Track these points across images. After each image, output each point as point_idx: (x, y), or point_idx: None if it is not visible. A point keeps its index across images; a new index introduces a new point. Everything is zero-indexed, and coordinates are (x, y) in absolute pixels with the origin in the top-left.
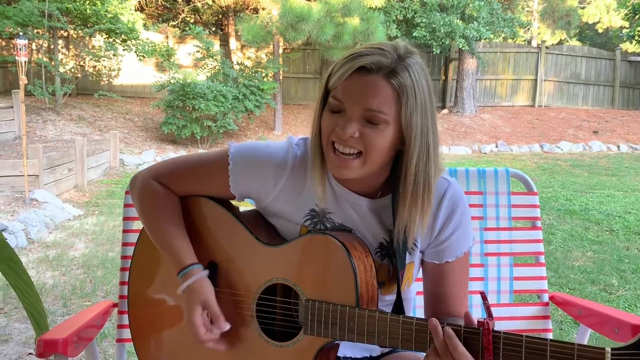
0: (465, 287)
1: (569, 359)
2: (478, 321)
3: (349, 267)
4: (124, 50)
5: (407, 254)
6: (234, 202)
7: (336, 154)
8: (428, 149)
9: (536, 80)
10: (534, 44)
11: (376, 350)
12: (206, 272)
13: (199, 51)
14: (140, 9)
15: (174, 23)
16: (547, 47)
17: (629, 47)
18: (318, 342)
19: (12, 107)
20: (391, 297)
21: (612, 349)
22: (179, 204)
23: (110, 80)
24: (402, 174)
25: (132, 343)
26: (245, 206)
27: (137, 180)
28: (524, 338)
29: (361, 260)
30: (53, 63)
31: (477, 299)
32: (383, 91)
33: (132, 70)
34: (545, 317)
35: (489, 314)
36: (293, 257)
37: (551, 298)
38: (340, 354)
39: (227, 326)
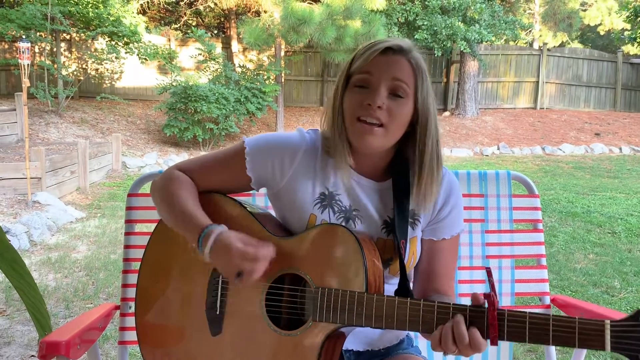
0: (453, 268)
1: (570, 332)
2: (484, 294)
3: (359, 255)
4: (126, 53)
5: (411, 228)
6: (245, 204)
7: (361, 122)
8: (437, 131)
9: (538, 82)
10: (536, 46)
11: (377, 345)
12: (223, 225)
13: (201, 54)
14: (143, 12)
15: (176, 26)
16: (548, 50)
17: (630, 49)
18: (325, 329)
19: (14, 109)
20: (398, 278)
21: (612, 321)
22: (197, 190)
23: (113, 82)
24: (418, 152)
25: (134, 345)
26: (255, 207)
27: (160, 175)
28: (527, 314)
29: (370, 252)
30: (55, 66)
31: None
32: (405, 67)
33: (134, 73)
34: None
35: (494, 292)
36: (303, 247)
37: (553, 300)
38: (344, 348)
39: (271, 245)
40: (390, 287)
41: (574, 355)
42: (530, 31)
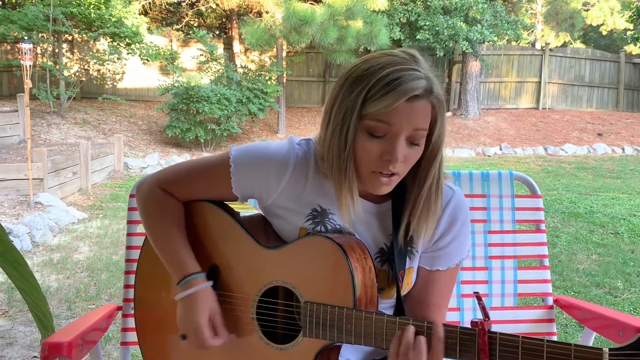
0: (447, 298)
1: (566, 359)
2: (472, 322)
3: (346, 270)
4: (128, 53)
5: (408, 258)
6: (235, 206)
7: (377, 174)
8: (442, 160)
9: (540, 82)
10: (538, 46)
11: (379, 355)
12: (210, 283)
13: (202, 55)
14: (144, 12)
15: (177, 27)
16: (550, 50)
17: (633, 49)
18: (317, 345)
19: (17, 110)
20: (389, 302)
21: (610, 349)
22: (183, 212)
23: (115, 83)
24: (419, 182)
25: (136, 346)
26: (246, 209)
27: (143, 187)
28: (519, 339)
29: (360, 262)
30: (58, 67)
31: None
32: (428, 112)
33: (136, 73)
34: (550, 321)
35: (485, 315)
36: (292, 259)
37: (555, 301)
38: (342, 358)
39: (226, 339)
40: (384, 309)
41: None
42: (532, 31)
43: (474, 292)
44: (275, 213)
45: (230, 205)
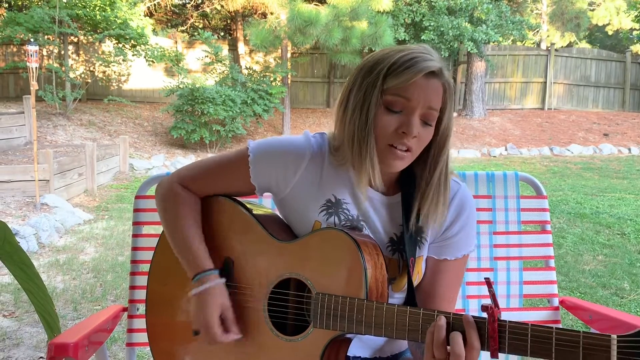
0: (456, 290)
1: (574, 347)
2: (483, 306)
3: (359, 264)
4: (133, 55)
5: (417, 247)
6: (250, 204)
7: (392, 147)
8: (449, 149)
9: (546, 82)
10: (543, 46)
11: (386, 352)
12: (223, 280)
13: (207, 56)
14: (150, 14)
15: (182, 28)
16: (556, 50)
17: (639, 49)
18: (327, 336)
19: (23, 112)
20: (401, 295)
21: (619, 336)
22: (200, 207)
23: (120, 85)
24: (429, 170)
25: (142, 347)
26: (261, 208)
27: (162, 183)
28: (529, 326)
29: (372, 257)
30: (63, 69)
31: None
32: (440, 93)
33: (141, 75)
34: (556, 322)
35: (495, 303)
36: (305, 252)
37: (561, 302)
38: (350, 353)
39: (238, 335)
40: (394, 302)
41: None
42: (537, 31)
43: (485, 278)
44: (291, 205)
45: (245, 202)
